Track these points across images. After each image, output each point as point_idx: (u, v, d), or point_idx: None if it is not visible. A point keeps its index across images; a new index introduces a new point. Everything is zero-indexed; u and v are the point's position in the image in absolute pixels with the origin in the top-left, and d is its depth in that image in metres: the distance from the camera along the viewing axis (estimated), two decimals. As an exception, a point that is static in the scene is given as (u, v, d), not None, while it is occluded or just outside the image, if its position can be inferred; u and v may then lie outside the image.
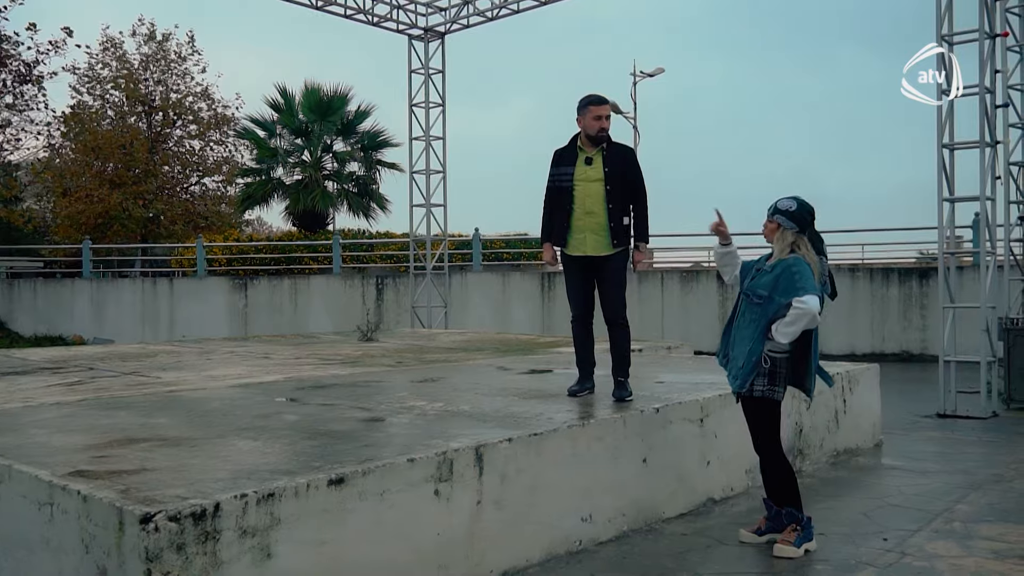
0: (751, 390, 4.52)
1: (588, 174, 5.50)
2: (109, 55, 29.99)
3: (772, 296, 4.46)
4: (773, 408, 4.56)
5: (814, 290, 4.37)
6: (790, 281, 4.41)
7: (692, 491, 5.37)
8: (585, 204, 5.48)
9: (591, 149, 5.51)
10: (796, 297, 4.34)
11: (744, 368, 4.54)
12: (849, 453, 7.00)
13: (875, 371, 7.56)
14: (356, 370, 7.55)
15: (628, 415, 5.00)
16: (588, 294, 5.66)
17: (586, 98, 5.53)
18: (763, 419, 4.58)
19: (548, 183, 5.67)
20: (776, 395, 4.52)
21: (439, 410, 5.15)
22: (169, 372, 7.41)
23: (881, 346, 16.91)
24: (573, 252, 5.59)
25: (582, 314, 5.68)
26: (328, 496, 3.42)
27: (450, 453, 3.93)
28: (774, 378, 4.49)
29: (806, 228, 4.53)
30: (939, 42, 9.19)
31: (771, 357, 4.47)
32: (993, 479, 6.16)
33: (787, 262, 4.48)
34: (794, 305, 4.34)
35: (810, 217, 4.54)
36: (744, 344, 4.56)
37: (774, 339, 4.43)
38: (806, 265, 4.46)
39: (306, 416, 4.92)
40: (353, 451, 3.92)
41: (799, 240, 4.52)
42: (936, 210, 9.17)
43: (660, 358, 8.56)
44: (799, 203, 4.55)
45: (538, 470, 4.36)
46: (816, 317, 4.35)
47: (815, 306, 4.32)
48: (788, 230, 4.53)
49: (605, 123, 5.47)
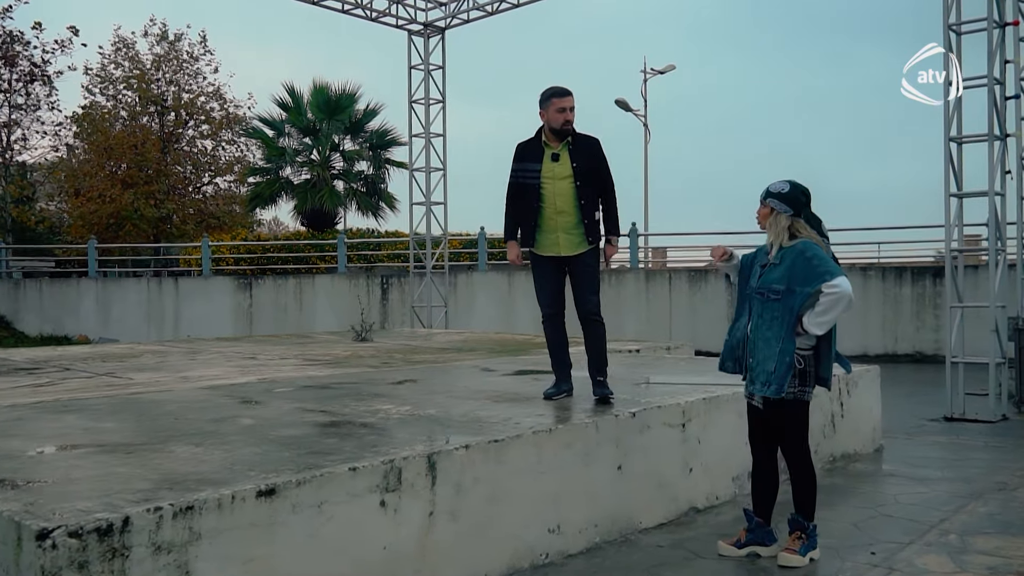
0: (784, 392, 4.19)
1: (556, 171, 5.25)
2: (121, 55, 29.97)
3: (792, 288, 4.14)
4: (804, 409, 4.27)
5: (840, 271, 4.07)
6: (808, 267, 4.10)
7: (672, 500, 5.10)
8: (556, 203, 5.25)
9: (556, 144, 5.26)
10: (824, 282, 4.04)
11: (778, 371, 4.17)
12: (847, 459, 6.70)
13: (875, 373, 7.25)
14: (337, 371, 7.33)
15: (601, 419, 4.73)
16: (559, 292, 5.43)
17: (548, 90, 5.28)
18: (795, 421, 4.26)
19: (511, 179, 5.41)
20: (807, 395, 4.24)
21: (404, 414, 4.91)
22: (145, 373, 7.21)
23: (894, 347, 16.52)
24: (545, 252, 5.35)
25: (554, 312, 5.44)
26: (256, 508, 3.18)
27: (398, 461, 3.68)
28: (805, 377, 4.20)
29: (801, 210, 4.24)
30: (946, 31, 8.86)
31: (799, 355, 4.17)
32: (996, 487, 5.85)
33: (797, 248, 4.18)
34: (825, 292, 4.03)
35: (804, 199, 4.24)
36: (770, 346, 4.20)
37: (805, 333, 4.13)
38: (818, 247, 4.16)
39: (262, 420, 4.69)
40: (296, 459, 3.68)
41: (796, 223, 4.23)
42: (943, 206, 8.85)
43: (655, 359, 8.29)
44: (792, 184, 4.27)
45: (499, 479, 4.11)
46: (852, 301, 4.03)
47: (848, 287, 4.02)
48: (782, 214, 4.24)
49: (569, 115, 5.21)
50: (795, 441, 4.28)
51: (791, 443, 4.29)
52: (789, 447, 4.30)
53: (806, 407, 4.27)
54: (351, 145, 27.33)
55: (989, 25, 8.67)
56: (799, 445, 4.28)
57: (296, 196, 26.74)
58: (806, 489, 4.29)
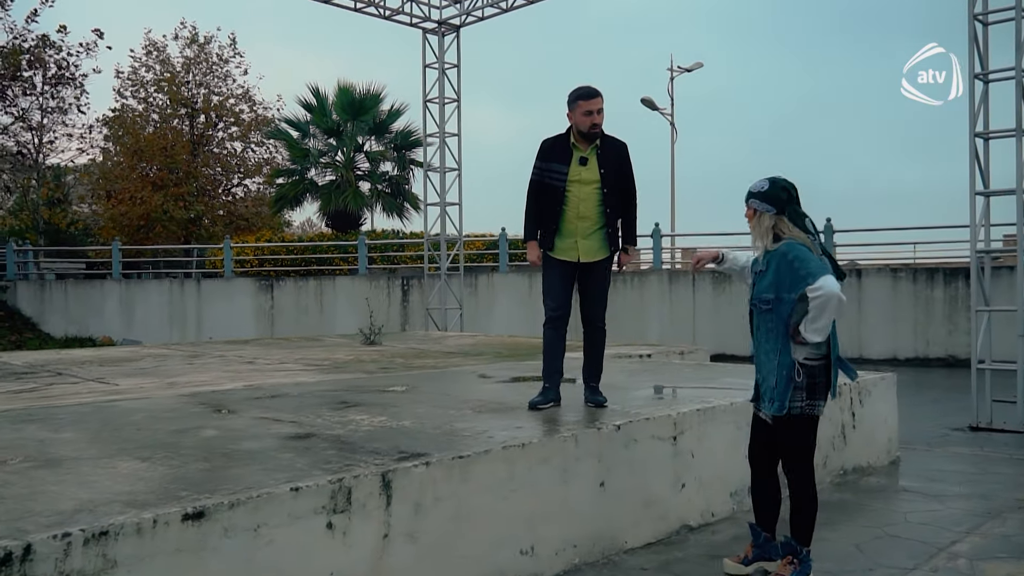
0: (789, 408, 3.89)
1: (583, 175, 5.04)
2: (152, 58, 30.14)
3: (780, 296, 3.86)
4: (811, 426, 3.95)
5: (823, 270, 3.75)
6: (791, 271, 3.82)
7: (662, 518, 4.80)
8: (579, 208, 5.04)
9: (585, 147, 5.04)
10: (807, 285, 3.74)
11: (778, 387, 3.90)
12: (859, 472, 6.35)
13: (891, 380, 6.88)
14: (329, 377, 7.12)
15: (581, 433, 4.46)
16: (568, 296, 5.20)
17: (575, 91, 5.03)
18: (800, 439, 3.94)
19: (534, 176, 5.15)
20: (817, 410, 3.91)
21: (376, 425, 4.67)
22: (134, 379, 7.07)
23: (925, 351, 15.98)
24: (561, 257, 5.13)
25: (559, 316, 5.19)
26: (183, 533, 2.96)
27: (348, 480, 3.44)
28: (813, 391, 3.87)
29: (784, 207, 3.94)
30: (972, 22, 8.45)
31: (807, 366, 3.86)
32: (1016, 505, 5.47)
33: (779, 251, 3.89)
34: (809, 296, 3.72)
35: (786, 195, 3.94)
36: (770, 359, 3.93)
37: (806, 343, 3.82)
38: (801, 247, 3.86)
39: (226, 432, 4.48)
40: (243, 476, 3.46)
41: (779, 222, 3.94)
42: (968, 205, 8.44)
43: (659, 365, 7.97)
44: (771, 181, 3.98)
45: (464, 497, 3.86)
46: (842, 300, 3.72)
47: (833, 286, 3.69)
48: (765, 214, 3.96)
49: (597, 118, 4.96)
50: (799, 460, 3.96)
51: (795, 462, 3.97)
52: (792, 466, 3.98)
53: (815, 423, 3.95)
54: (375, 146, 27.25)
55: (1017, 14, 8.23)
56: (803, 464, 3.96)
57: (320, 197, 26.71)
58: (805, 512, 3.97)
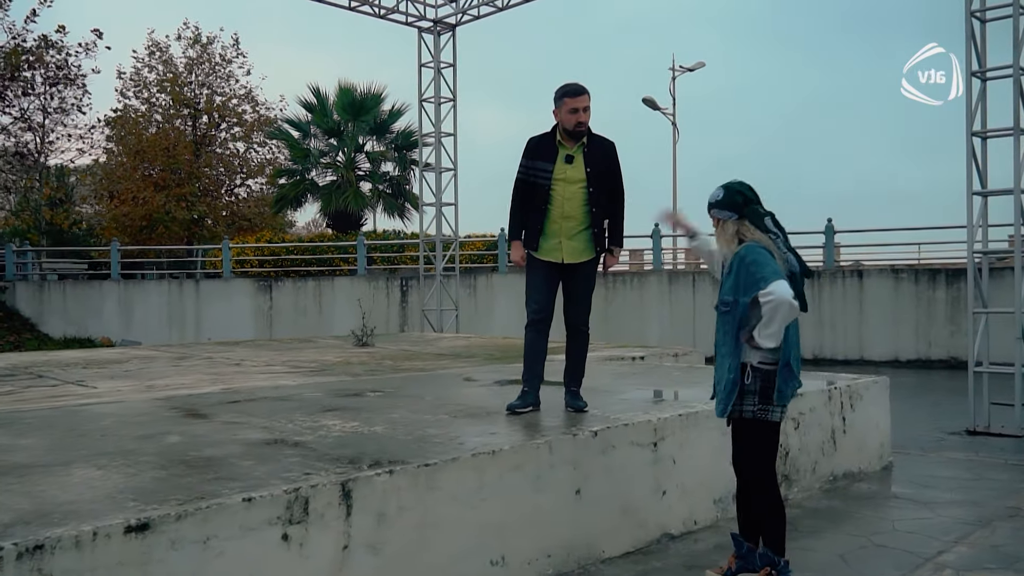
0: (741, 412, 3.82)
1: (568, 174, 4.93)
2: (155, 59, 30.06)
3: (737, 299, 3.76)
4: (768, 431, 3.83)
5: (777, 275, 3.63)
6: (748, 275, 3.71)
7: (641, 526, 4.68)
8: (564, 208, 4.93)
9: (571, 145, 4.94)
10: (759, 290, 3.63)
11: (725, 388, 3.82)
12: (849, 478, 6.21)
13: (884, 384, 6.74)
14: (312, 380, 7.01)
15: (556, 439, 4.34)
16: (551, 298, 5.09)
17: (561, 88, 4.94)
18: (755, 444, 3.84)
19: (520, 175, 5.05)
20: (771, 415, 3.79)
21: (347, 431, 4.56)
22: (114, 381, 6.97)
23: (927, 352, 15.84)
24: (545, 258, 5.03)
25: (542, 319, 5.08)
26: (126, 546, 2.85)
27: (305, 490, 3.33)
28: (767, 395, 3.76)
29: (743, 211, 3.83)
30: (968, 19, 8.31)
31: (761, 370, 3.75)
32: (1007, 513, 5.33)
33: (739, 254, 3.79)
34: (760, 300, 3.62)
35: (741, 198, 3.84)
36: (723, 361, 3.85)
37: (760, 347, 3.73)
38: (760, 250, 3.75)
39: (191, 438, 4.37)
40: (196, 485, 3.35)
41: (742, 226, 3.84)
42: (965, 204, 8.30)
43: (650, 368, 7.84)
44: (725, 188, 3.90)
45: (430, 506, 3.74)
46: (794, 305, 3.59)
47: (784, 292, 3.57)
48: (727, 221, 3.86)
49: (583, 116, 4.87)
50: (755, 465, 3.85)
51: (750, 468, 3.86)
52: (749, 473, 3.87)
53: (771, 428, 3.83)
54: (376, 146, 27.17)
55: (1015, 11, 8.09)
56: (761, 471, 3.84)
57: (321, 198, 26.64)
58: (770, 521, 3.85)
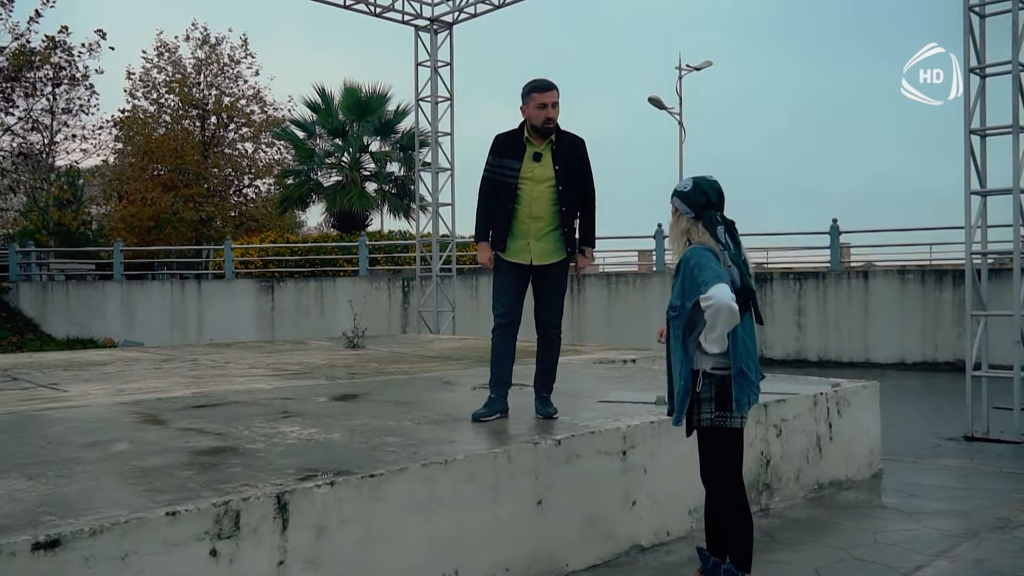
0: (699, 420, 3.66)
1: (536, 172, 4.79)
2: (164, 60, 30.05)
3: (684, 303, 3.61)
4: (728, 439, 3.65)
5: (718, 278, 3.44)
6: (691, 278, 3.54)
7: (608, 538, 4.51)
8: (532, 208, 4.79)
9: (539, 142, 4.79)
10: (700, 294, 3.47)
11: (677, 396, 3.68)
12: (836, 486, 6.02)
13: (874, 389, 6.54)
14: (289, 383, 6.88)
15: (515, 448, 4.17)
16: (519, 301, 4.95)
17: (529, 84, 4.80)
18: (717, 453, 3.68)
19: (486, 173, 4.91)
20: (730, 422, 3.62)
21: (303, 438, 4.41)
22: (88, 385, 6.85)
23: (934, 354, 15.56)
24: (512, 259, 4.88)
25: (510, 322, 4.95)
26: (33, 563, 2.71)
27: (236, 503, 3.18)
28: (724, 402, 3.60)
29: (702, 212, 3.66)
30: (967, 14, 8.09)
31: (715, 376, 3.59)
32: (996, 525, 5.13)
33: (684, 257, 3.64)
34: (701, 305, 3.46)
35: (704, 199, 3.66)
36: (675, 368, 3.71)
37: (708, 353, 3.57)
38: (704, 252, 3.58)
39: (140, 445, 4.23)
40: (124, 498, 3.20)
41: (693, 228, 3.67)
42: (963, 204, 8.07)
43: (636, 371, 7.66)
44: (695, 182, 3.72)
45: (376, 519, 3.59)
46: (733, 309, 3.40)
47: (722, 296, 3.38)
48: (683, 215, 3.70)
49: (551, 112, 4.72)
50: (716, 474, 3.68)
51: (712, 477, 3.69)
52: (711, 482, 3.70)
53: (733, 435, 3.65)
54: (381, 146, 27.06)
55: (1014, 6, 7.87)
56: (724, 481, 3.66)
57: (326, 198, 26.57)
58: (737, 534, 3.67)
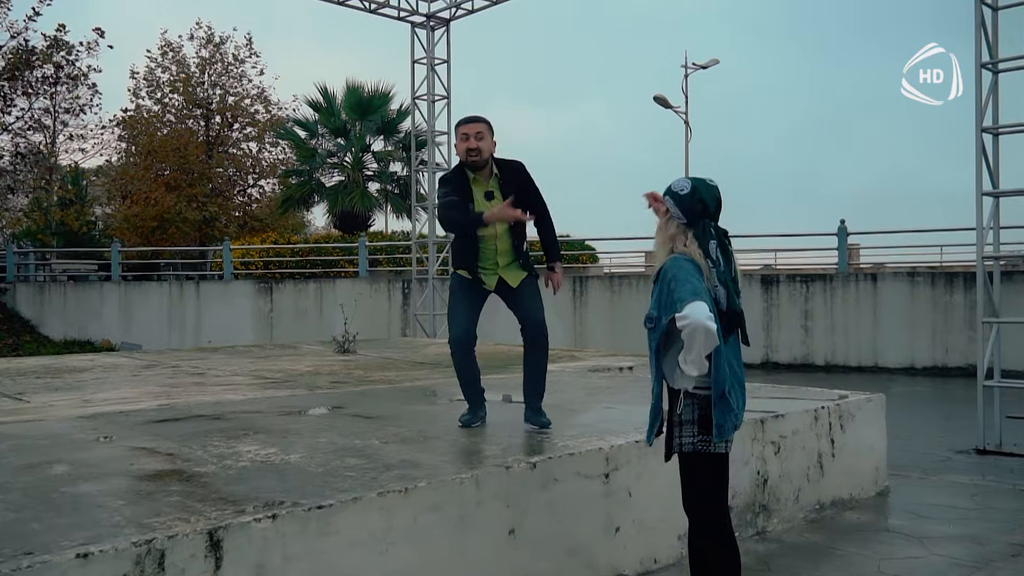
0: (680, 444, 3.33)
1: None
2: (168, 59, 29.81)
3: (661, 316, 3.27)
4: (712, 465, 3.31)
5: (695, 295, 3.07)
6: (668, 292, 3.19)
7: (589, 566, 4.18)
8: (496, 245, 4.75)
9: (485, 179, 4.72)
10: (676, 312, 3.12)
11: (650, 415, 3.41)
12: (838, 506, 5.68)
13: (879, 402, 6.19)
14: (264, 394, 6.56)
15: (484, 473, 3.85)
16: (476, 317, 4.87)
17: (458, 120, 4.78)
18: (699, 481, 3.32)
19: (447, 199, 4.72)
20: (714, 447, 3.27)
21: (258, 460, 4.09)
22: (55, 394, 6.56)
23: (944, 359, 15.18)
24: (485, 286, 4.82)
25: (467, 340, 4.83)
26: (-84, 616, 2.40)
27: (161, 541, 2.86)
28: (706, 425, 3.26)
29: (696, 221, 3.30)
30: (979, 7, 7.73)
31: (697, 396, 3.25)
32: (1009, 551, 4.77)
33: (665, 267, 3.27)
34: (677, 324, 3.10)
35: (700, 207, 3.29)
36: (654, 384, 3.41)
37: (686, 374, 3.23)
38: (686, 264, 3.21)
39: (80, 467, 3.92)
40: (36, 535, 2.89)
41: (681, 234, 3.31)
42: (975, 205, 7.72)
43: (630, 380, 7.31)
44: (693, 187, 3.32)
45: (325, 554, 3.27)
46: (711, 330, 3.01)
47: (699, 316, 3.00)
48: (673, 220, 3.33)
49: (473, 143, 4.64)
50: (697, 503, 3.33)
51: (692, 505, 3.34)
52: (694, 512, 3.35)
53: (717, 461, 3.30)
54: (384, 146, 26.77)
55: (1029, -3, 7.52)
56: (707, 511, 3.32)
57: (328, 198, 26.30)
58: (722, 567, 3.33)
